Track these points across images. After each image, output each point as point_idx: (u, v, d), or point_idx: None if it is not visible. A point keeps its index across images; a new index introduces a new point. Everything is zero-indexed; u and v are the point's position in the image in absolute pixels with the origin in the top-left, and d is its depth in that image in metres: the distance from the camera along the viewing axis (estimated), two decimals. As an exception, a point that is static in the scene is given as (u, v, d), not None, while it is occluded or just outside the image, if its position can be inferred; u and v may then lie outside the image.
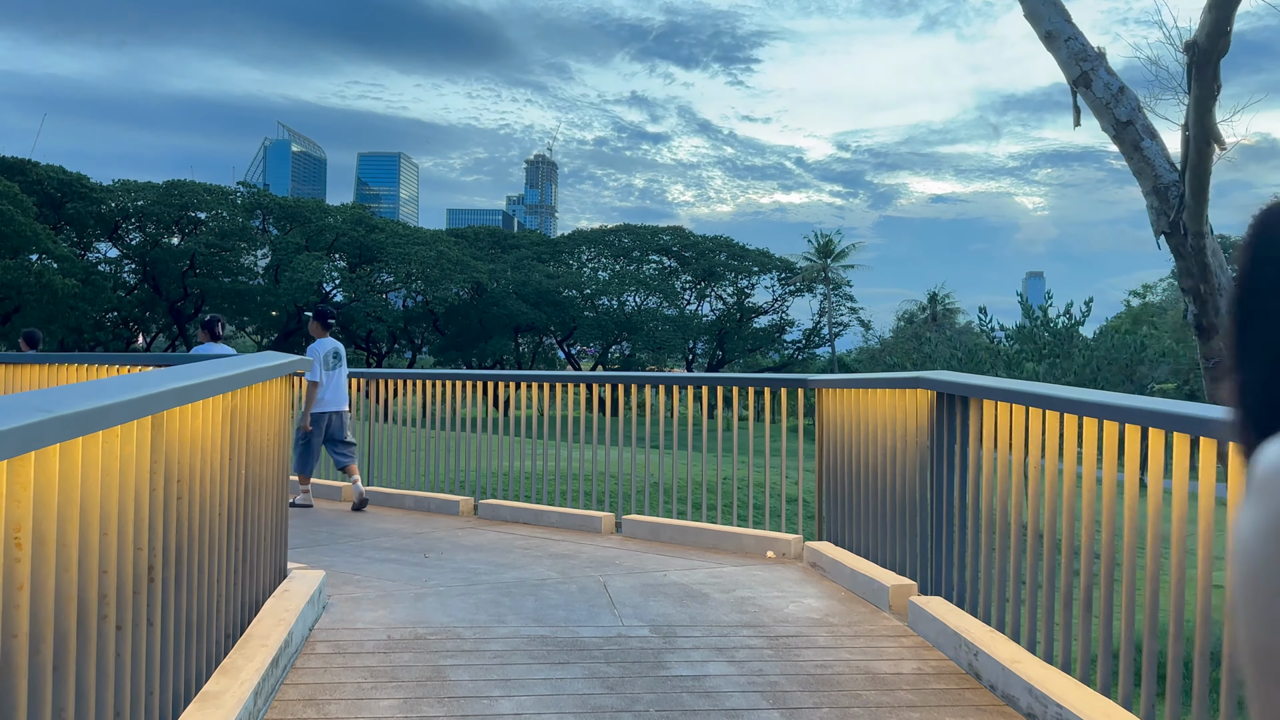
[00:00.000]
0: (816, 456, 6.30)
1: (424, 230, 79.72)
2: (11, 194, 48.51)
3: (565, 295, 76.80)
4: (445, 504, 8.50)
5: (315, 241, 69.57)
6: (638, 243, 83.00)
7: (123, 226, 68.28)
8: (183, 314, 69.98)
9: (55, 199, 61.66)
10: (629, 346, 79.01)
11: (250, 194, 72.94)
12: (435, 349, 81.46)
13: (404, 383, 9.30)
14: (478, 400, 8.70)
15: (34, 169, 60.12)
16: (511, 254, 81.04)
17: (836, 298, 74.11)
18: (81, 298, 54.95)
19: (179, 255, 66.58)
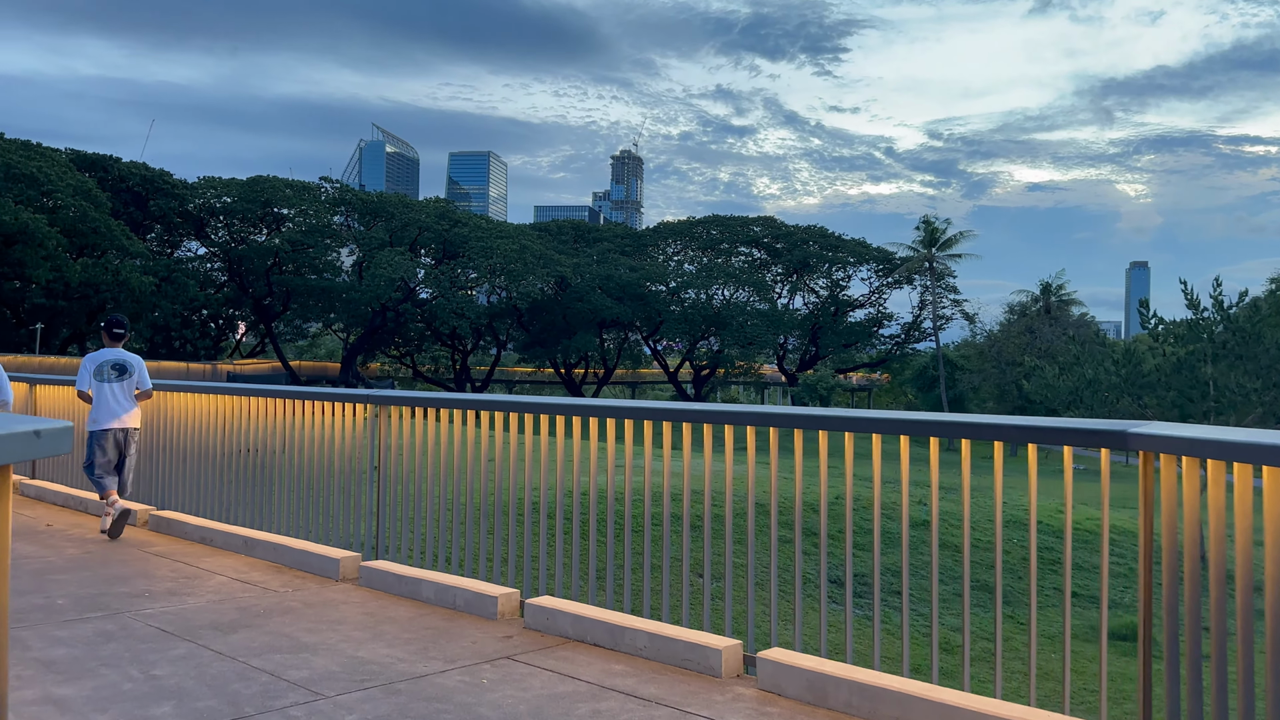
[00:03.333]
0: (1165, 586, 3.19)
1: (507, 224, 77.92)
2: (85, 189, 47.91)
3: (650, 289, 74.05)
4: (477, 601, 5.66)
5: (399, 237, 68.25)
6: (726, 234, 79.68)
7: (209, 224, 68.09)
8: (270, 311, 69.53)
9: (140, 196, 61.45)
10: (717, 342, 75.78)
11: (335, 189, 72.08)
12: (519, 345, 79.62)
13: (413, 411, 6.51)
14: (525, 433, 5.88)
15: (115, 165, 59.99)
16: (595, 247, 78.64)
17: (939, 289, 69.43)
18: (163, 295, 54.35)
19: (265, 252, 66.08)
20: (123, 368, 8.63)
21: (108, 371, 8.58)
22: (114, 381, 8.54)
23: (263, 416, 7.81)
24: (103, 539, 7.97)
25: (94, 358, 8.65)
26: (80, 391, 8.61)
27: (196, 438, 8.51)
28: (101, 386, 8.52)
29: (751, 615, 4.76)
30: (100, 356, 8.64)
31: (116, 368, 8.62)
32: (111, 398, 8.50)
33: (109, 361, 8.60)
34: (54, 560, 7.06)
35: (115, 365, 8.61)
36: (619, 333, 77.88)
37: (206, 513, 8.31)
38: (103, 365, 8.57)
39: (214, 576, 6.67)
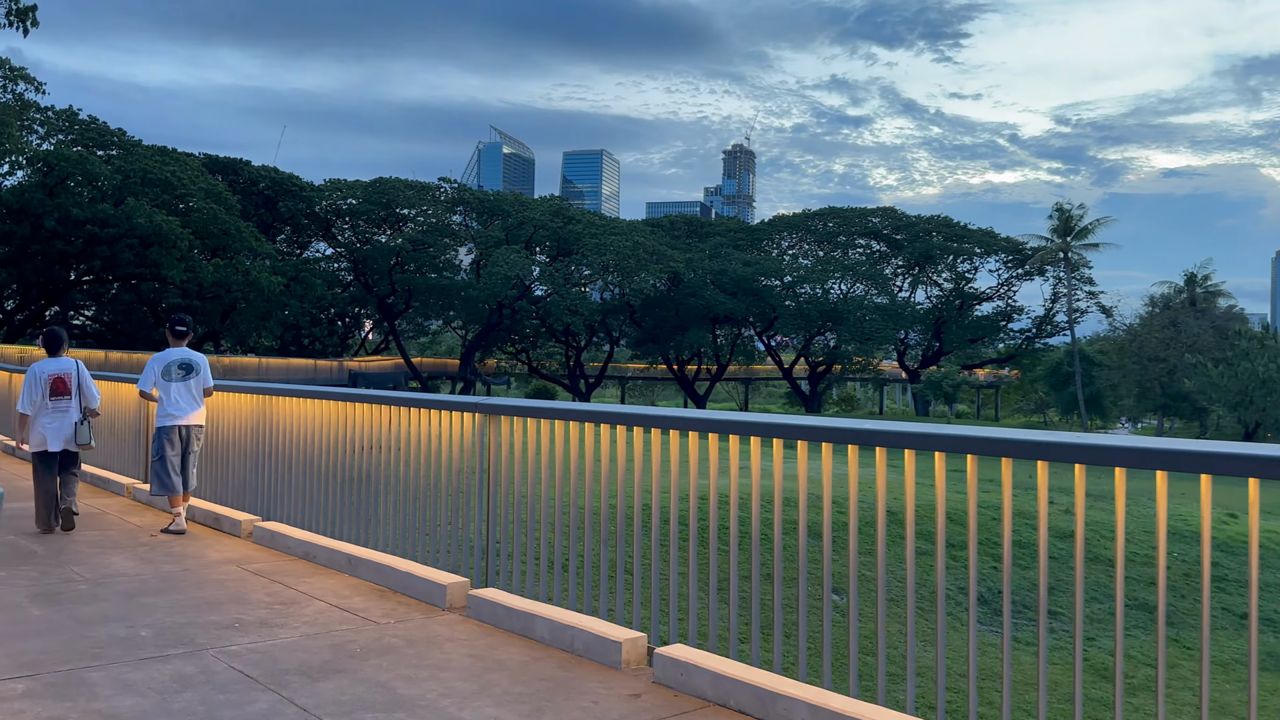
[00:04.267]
0: None
1: (619, 220, 77.66)
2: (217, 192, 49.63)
3: (764, 284, 72.54)
4: (598, 646, 4.87)
5: (515, 235, 68.78)
6: (843, 226, 77.46)
7: (335, 225, 70.05)
8: (392, 310, 71.10)
9: (269, 198, 63.59)
10: (833, 338, 73.72)
11: (453, 189, 73.19)
12: (632, 342, 79.32)
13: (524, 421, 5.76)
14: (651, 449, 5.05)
15: (246, 169, 62.17)
16: (708, 242, 77.59)
17: (1074, 280, 65.69)
18: (292, 294, 56.00)
19: (387, 252, 67.56)
20: (189, 366, 8.70)
21: (175, 371, 8.64)
22: (180, 380, 8.63)
23: (368, 424, 7.23)
24: (197, 555, 7.55)
25: (160, 357, 8.73)
26: (142, 391, 8.72)
27: (302, 445, 8.02)
28: (169, 385, 8.61)
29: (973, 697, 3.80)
30: (167, 356, 8.70)
31: (183, 367, 8.68)
32: (179, 396, 8.60)
33: (175, 361, 8.66)
34: (148, 578, 6.61)
35: (182, 364, 8.67)
36: (732, 329, 76.62)
37: (311, 525, 7.81)
38: (170, 365, 8.64)
39: (312, 602, 6.08)
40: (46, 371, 8.78)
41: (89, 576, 6.60)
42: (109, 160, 47.49)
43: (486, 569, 6.07)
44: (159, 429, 8.64)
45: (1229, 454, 3.05)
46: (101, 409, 11.63)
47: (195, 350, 8.91)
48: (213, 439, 9.46)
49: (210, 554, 7.57)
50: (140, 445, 10.94)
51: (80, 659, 4.74)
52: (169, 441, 8.53)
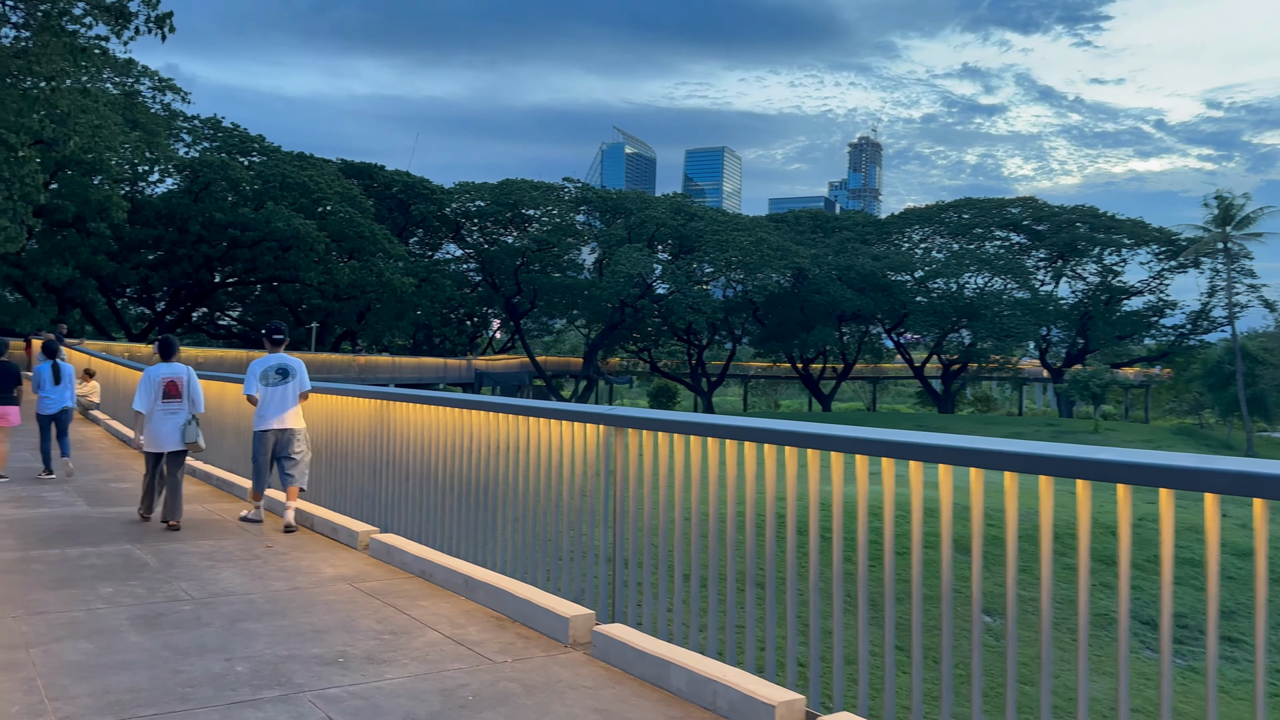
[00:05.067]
0: None
1: (743, 216, 76.47)
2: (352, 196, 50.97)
3: (894, 279, 70.06)
4: (746, 707, 4.11)
5: (637, 234, 68.56)
6: (979, 218, 74.03)
7: (464, 226, 71.39)
8: (518, 309, 72.00)
9: (402, 202, 65.21)
10: (969, 334, 70.62)
11: (577, 189, 73.56)
12: (755, 339, 78.00)
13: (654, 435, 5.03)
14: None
15: (380, 173, 63.86)
16: (834, 237, 75.55)
17: (1234, 273, 60.88)
18: (423, 295, 57.19)
19: (513, 252, 68.42)
20: (286, 371, 9.05)
21: (273, 376, 9.00)
22: (278, 385, 9.00)
23: (487, 433, 6.65)
24: (311, 570, 7.12)
25: (260, 363, 9.08)
26: (248, 395, 9.05)
27: (420, 454, 7.53)
28: (267, 390, 8.97)
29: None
30: (265, 362, 9.06)
31: (280, 371, 9.04)
32: (276, 400, 8.97)
33: (273, 366, 9.03)
34: (255, 599, 6.20)
35: (279, 369, 9.04)
36: (859, 326, 74.37)
37: (428, 539, 7.30)
38: (268, 370, 9.01)
39: (424, 632, 5.52)
40: (160, 375, 9.21)
41: (195, 595, 6.24)
42: (250, 166, 49.45)
43: (613, 600, 5.38)
44: (256, 432, 8.99)
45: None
46: (228, 414, 11.61)
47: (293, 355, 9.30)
48: (332, 445, 9.13)
49: (324, 569, 7.15)
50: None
51: (168, 700, 4.27)
52: (263, 444, 8.93)
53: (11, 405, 11.83)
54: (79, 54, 18.29)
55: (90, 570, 6.85)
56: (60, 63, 17.91)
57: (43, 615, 5.60)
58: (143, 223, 43.91)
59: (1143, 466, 3.08)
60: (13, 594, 6.10)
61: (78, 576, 6.63)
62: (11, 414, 11.81)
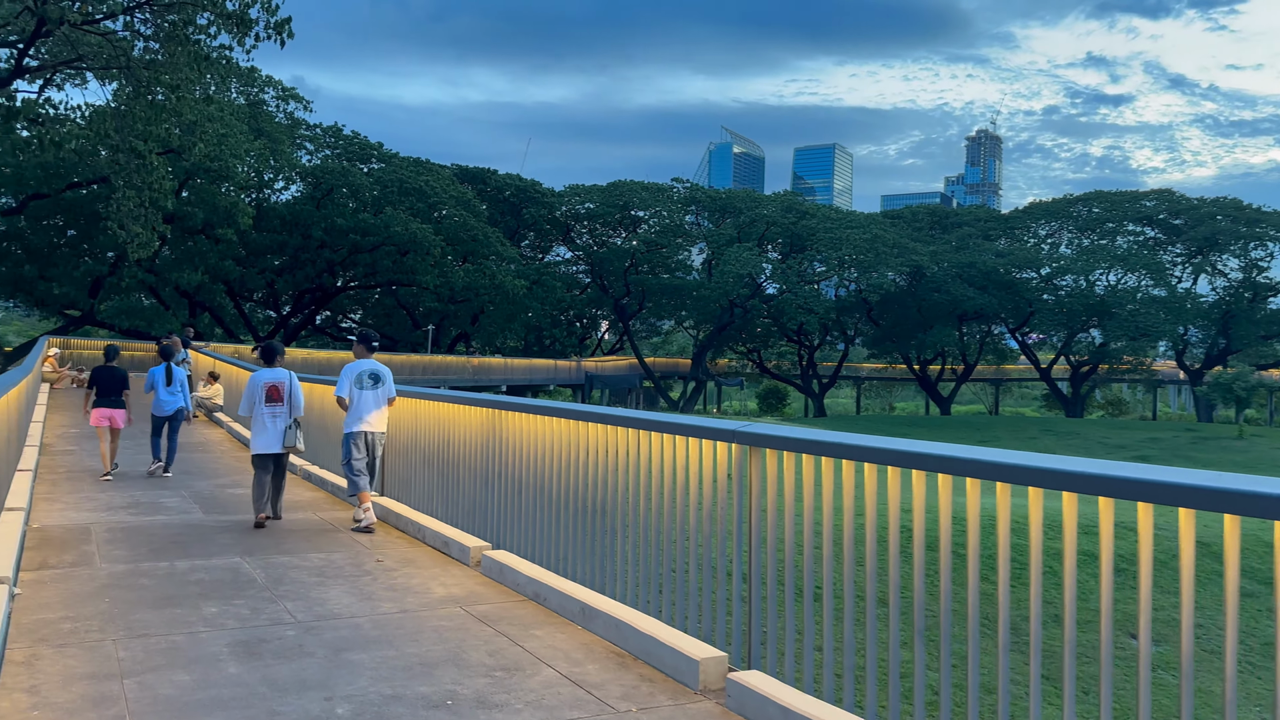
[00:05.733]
0: None
1: (857, 213, 74.53)
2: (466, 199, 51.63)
3: (1018, 276, 67.05)
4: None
5: (747, 233, 67.60)
6: (1110, 211, 70.23)
7: (574, 229, 71.79)
8: (626, 311, 71.99)
9: (514, 205, 65.93)
10: (1099, 334, 67.06)
11: (686, 189, 73.07)
12: (869, 340, 75.91)
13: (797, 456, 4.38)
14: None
15: (493, 177, 64.68)
16: (954, 233, 72.85)
17: (1402, 266, 55.90)
18: (534, 297, 57.62)
19: (622, 254, 68.39)
20: (377, 377, 9.32)
21: (365, 380, 9.27)
22: (369, 390, 9.27)
23: (604, 447, 6.12)
24: (421, 589, 6.72)
25: (353, 368, 9.34)
26: (339, 398, 9.34)
27: (532, 467, 7.06)
28: (360, 394, 9.25)
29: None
30: (358, 367, 9.32)
31: (372, 377, 9.30)
32: (367, 404, 9.24)
33: (366, 371, 9.29)
34: (362, 623, 5.81)
35: (371, 375, 9.31)
36: (981, 325, 71.47)
37: (541, 558, 6.82)
38: (361, 375, 9.27)
39: (539, 669, 5.01)
40: (264, 380, 9.57)
41: (300, 618, 5.89)
42: (369, 173, 50.67)
43: (749, 642, 4.75)
44: (347, 434, 9.27)
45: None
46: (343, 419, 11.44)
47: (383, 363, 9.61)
48: (444, 454, 8.78)
49: (434, 588, 6.75)
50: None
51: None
52: (355, 445, 9.20)
53: (119, 408, 12.45)
54: (203, 63, 18.75)
55: (196, 586, 6.61)
56: (186, 71, 18.41)
57: (143, 639, 5.32)
58: (268, 229, 45.44)
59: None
60: (117, 612, 5.87)
61: (183, 594, 6.39)
62: (119, 416, 12.44)
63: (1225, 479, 2.87)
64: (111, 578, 6.78)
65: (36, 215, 36.96)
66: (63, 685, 4.53)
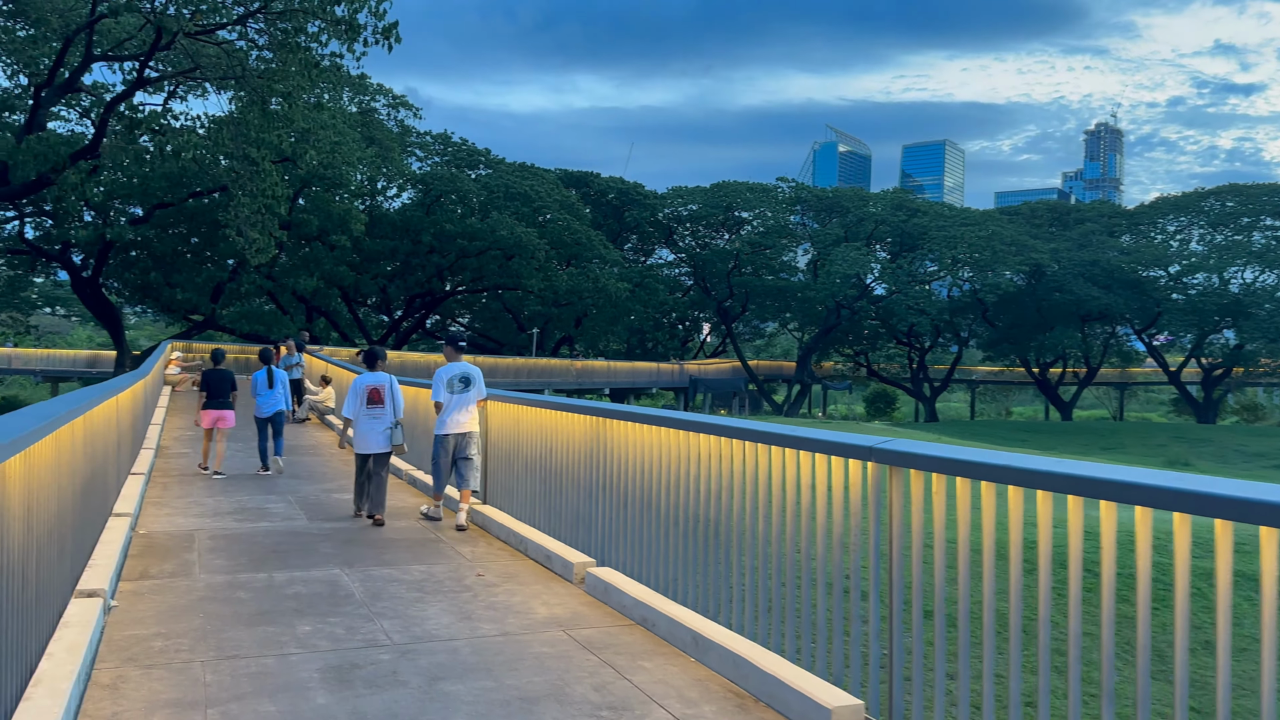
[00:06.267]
0: None
1: (971, 210, 71.92)
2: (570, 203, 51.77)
3: (1145, 275, 63.59)
4: None
5: (854, 232, 65.99)
6: (1245, 206, 65.99)
7: (676, 231, 71.42)
8: (729, 313, 71.23)
9: (616, 208, 65.96)
10: (1234, 335, 63.04)
11: (791, 188, 71.86)
12: (984, 342, 73.16)
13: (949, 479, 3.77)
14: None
15: (596, 180, 64.82)
16: (1075, 230, 69.55)
17: None
18: (636, 300, 57.47)
19: (725, 256, 67.68)
20: (467, 380, 9.45)
21: (456, 383, 9.41)
22: (461, 392, 9.39)
23: (716, 460, 5.60)
24: (522, 609, 6.32)
25: (444, 371, 9.47)
26: (436, 402, 9.46)
27: (639, 479, 6.59)
28: (450, 397, 9.36)
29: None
30: (449, 370, 9.45)
31: (463, 380, 9.44)
32: (457, 406, 9.37)
33: (457, 374, 9.43)
34: (460, 647, 5.43)
35: (461, 378, 9.44)
36: (1105, 326, 68.06)
37: (649, 578, 6.34)
38: (452, 378, 9.41)
39: (650, 709, 4.52)
40: (365, 383, 9.85)
41: (396, 639, 5.55)
42: (477, 179, 51.35)
43: (889, 693, 4.16)
44: (437, 435, 9.43)
45: None
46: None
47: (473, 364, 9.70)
48: (547, 463, 8.39)
49: (536, 608, 6.34)
50: (480, 461, 10.29)
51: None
52: (443, 447, 9.38)
53: (228, 409, 12.98)
54: (314, 70, 19.04)
55: (293, 601, 6.36)
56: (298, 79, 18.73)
57: (232, 661, 5.05)
58: (380, 235, 46.46)
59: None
60: (209, 629, 5.64)
61: (278, 609, 6.14)
62: (228, 417, 12.97)
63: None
64: (209, 590, 6.60)
65: (162, 224, 38.60)
66: (145, 715, 4.27)
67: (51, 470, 4.85)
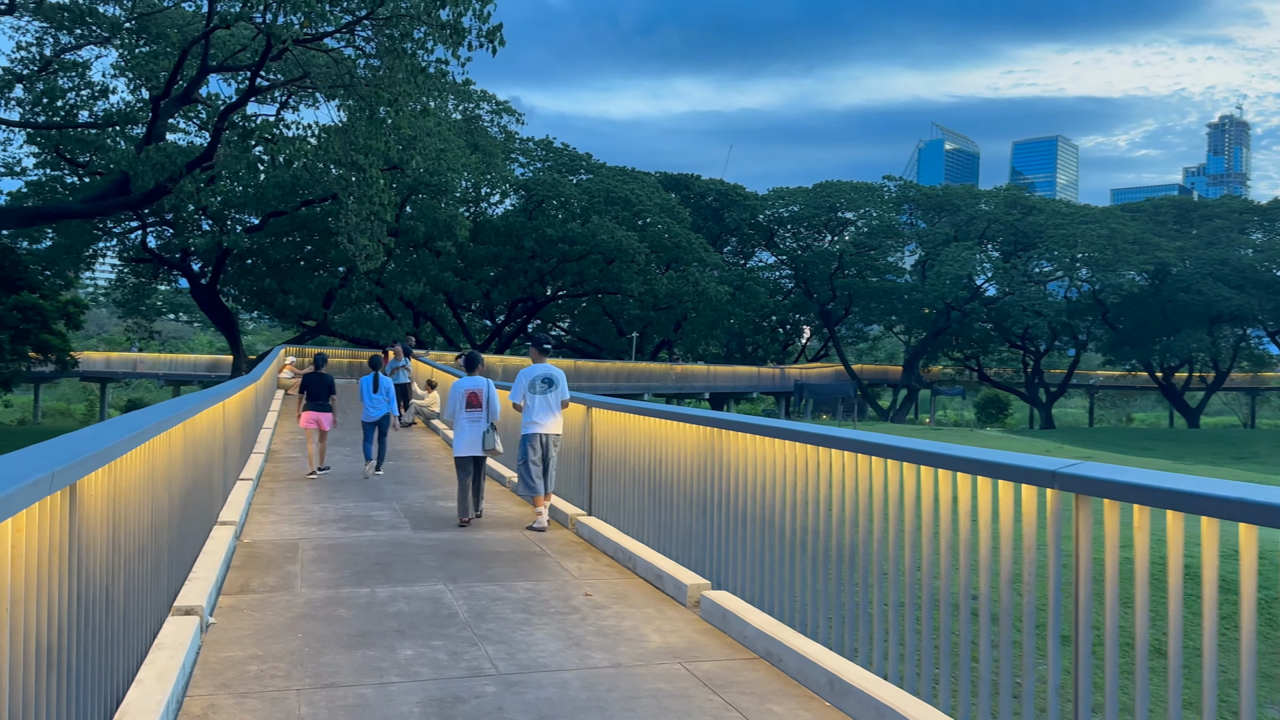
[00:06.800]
0: None
1: (1090, 207, 68.71)
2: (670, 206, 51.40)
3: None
4: None
5: (965, 231, 63.77)
6: (1398, 198, 61.12)
7: (777, 233, 70.34)
8: (832, 316, 69.75)
9: (716, 210, 65.31)
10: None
11: (898, 187, 69.97)
12: (1103, 346, 69.75)
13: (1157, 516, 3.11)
14: None
15: (696, 183, 64.30)
16: (1202, 227, 65.69)
17: None
18: (737, 303, 56.73)
19: (828, 258, 66.31)
20: (550, 381, 9.42)
21: (539, 385, 9.39)
22: (543, 394, 9.38)
23: (853, 480, 5.02)
24: (634, 635, 5.84)
25: (527, 373, 9.47)
26: (514, 403, 9.47)
27: (758, 496, 6.05)
28: (533, 398, 9.36)
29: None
30: (532, 372, 9.46)
31: (545, 381, 9.41)
32: (540, 407, 9.37)
33: (539, 376, 9.41)
34: (569, 679, 4.98)
35: (544, 379, 9.42)
36: (1236, 328, 64.07)
37: (771, 605, 5.78)
38: (535, 379, 9.40)
39: (782, 764, 3.97)
40: (464, 388, 9.98)
41: (502, 668, 5.14)
42: (578, 184, 51.47)
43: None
44: (523, 436, 9.41)
45: None
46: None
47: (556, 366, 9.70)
48: (655, 475, 7.92)
49: (649, 634, 5.86)
50: (585, 470, 9.90)
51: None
52: (531, 448, 9.34)
53: (326, 411, 13.34)
54: (420, 75, 19.10)
55: (394, 620, 6.03)
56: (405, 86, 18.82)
57: (329, 690, 4.71)
58: (484, 241, 46.97)
59: None
60: (308, 651, 5.33)
61: (379, 630, 5.81)
62: (325, 419, 13.34)
63: None
64: (309, 606, 6.33)
65: (276, 232, 39.77)
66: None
67: (143, 483, 4.59)
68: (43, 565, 2.86)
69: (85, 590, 3.41)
